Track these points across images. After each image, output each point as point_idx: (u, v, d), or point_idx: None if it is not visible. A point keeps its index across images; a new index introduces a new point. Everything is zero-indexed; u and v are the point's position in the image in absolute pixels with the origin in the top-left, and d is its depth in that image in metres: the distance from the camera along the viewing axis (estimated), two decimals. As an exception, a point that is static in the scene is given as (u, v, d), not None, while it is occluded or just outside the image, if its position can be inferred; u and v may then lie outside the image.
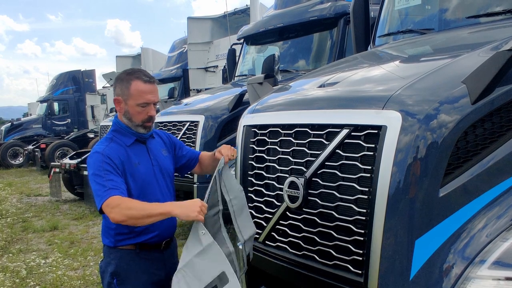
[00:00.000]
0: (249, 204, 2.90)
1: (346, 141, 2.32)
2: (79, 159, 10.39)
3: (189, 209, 2.40)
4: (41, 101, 25.42)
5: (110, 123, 14.41)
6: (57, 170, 11.08)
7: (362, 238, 2.20)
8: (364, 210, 2.19)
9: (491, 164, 2.13)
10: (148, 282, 2.74)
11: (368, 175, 2.18)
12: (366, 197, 2.19)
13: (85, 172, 9.93)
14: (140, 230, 2.68)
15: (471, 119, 2.10)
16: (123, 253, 2.71)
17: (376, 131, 2.17)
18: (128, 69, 2.78)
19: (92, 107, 24.25)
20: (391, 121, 2.12)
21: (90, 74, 26.36)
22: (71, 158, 11.04)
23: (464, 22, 3.40)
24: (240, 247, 2.71)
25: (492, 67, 2.08)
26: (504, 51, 2.06)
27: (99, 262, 2.89)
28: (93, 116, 24.12)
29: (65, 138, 20.49)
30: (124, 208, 2.41)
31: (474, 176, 2.10)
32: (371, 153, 2.18)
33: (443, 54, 2.88)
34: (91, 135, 20.16)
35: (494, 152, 2.16)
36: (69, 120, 24.66)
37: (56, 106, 24.53)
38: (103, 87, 25.91)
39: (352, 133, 2.29)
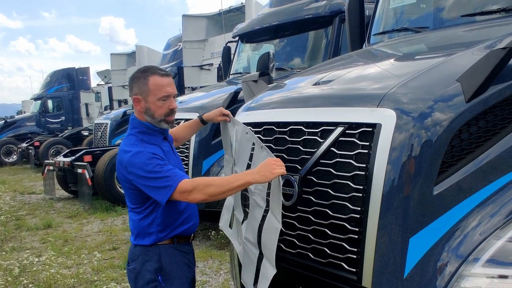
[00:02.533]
0: (243, 202, 2.90)
1: (340, 139, 2.31)
2: (73, 157, 10.36)
3: (267, 170, 2.34)
4: (35, 99, 25.32)
5: (105, 121, 14.39)
6: (51, 168, 11.05)
7: (356, 236, 2.19)
8: (359, 208, 2.18)
9: (485, 162, 2.14)
10: (187, 276, 2.82)
11: (363, 173, 2.18)
12: (360, 195, 2.18)
13: (79, 170, 9.90)
14: (182, 220, 2.77)
15: (465, 117, 2.10)
16: (163, 248, 2.73)
17: (370, 129, 2.17)
18: (141, 68, 2.78)
19: (86, 104, 24.15)
20: (385, 119, 2.12)
21: (84, 71, 26.26)
22: (65, 156, 10.99)
23: (459, 20, 3.40)
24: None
25: (486, 65, 2.08)
26: (498, 49, 2.06)
27: (128, 266, 2.83)
28: (88, 114, 24.03)
29: (59, 136, 20.44)
30: (203, 187, 2.45)
31: (468, 174, 2.10)
32: (366, 151, 2.18)
33: (438, 53, 2.89)
34: (85, 133, 20.09)
35: (488, 151, 2.16)
36: (63, 117, 24.57)
37: (50, 103, 24.45)
38: (97, 84, 25.84)
39: (347, 131, 2.28)
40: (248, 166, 2.75)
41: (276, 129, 2.72)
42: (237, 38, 8.55)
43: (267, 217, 2.48)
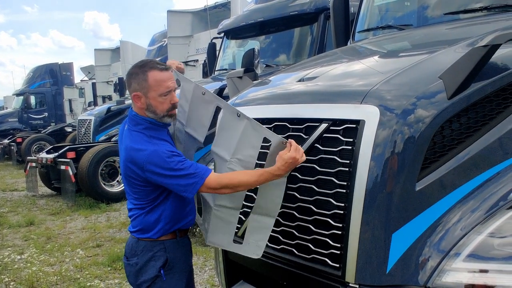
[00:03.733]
0: None
1: (324, 135, 2.32)
2: (56, 154, 10.22)
3: (290, 165, 2.33)
4: (17, 94, 24.97)
5: (88, 117, 14.14)
6: (34, 164, 10.89)
7: (340, 232, 2.21)
8: (342, 204, 2.20)
9: (466, 158, 2.16)
10: (187, 268, 2.85)
11: (346, 169, 2.19)
12: (344, 191, 2.19)
13: (62, 167, 9.79)
14: (186, 212, 2.77)
15: (448, 114, 2.12)
16: (167, 243, 2.72)
17: (354, 126, 2.18)
18: (138, 63, 2.68)
19: (70, 100, 23.89)
20: (369, 115, 2.13)
21: (68, 67, 25.96)
22: (48, 152, 10.85)
23: (442, 18, 3.44)
24: None
25: (467, 63, 2.10)
26: (479, 47, 2.09)
27: (127, 261, 2.78)
28: (71, 110, 23.78)
29: (42, 132, 20.19)
30: (232, 186, 2.49)
31: (450, 170, 2.13)
32: (350, 147, 2.19)
33: (421, 50, 2.91)
34: (68, 129, 19.85)
35: (469, 147, 2.18)
36: (46, 114, 24.27)
37: (32, 99, 24.10)
38: (81, 80, 25.57)
39: (331, 128, 2.29)
40: (212, 133, 2.68)
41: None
42: (222, 34, 8.52)
43: None
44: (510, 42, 2.16)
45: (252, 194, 2.64)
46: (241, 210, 2.69)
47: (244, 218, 2.71)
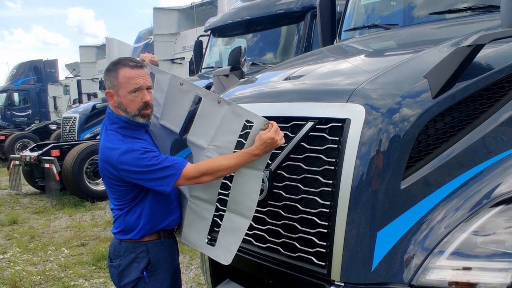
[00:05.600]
0: None
1: (311, 133, 2.33)
2: (40, 151, 10.10)
3: (268, 146, 2.34)
4: (0, 91, 24.60)
5: (73, 115, 13.92)
6: (17, 162, 10.75)
7: (325, 230, 2.21)
8: (328, 203, 2.20)
9: (450, 157, 2.18)
10: (171, 269, 2.80)
11: (332, 167, 2.19)
12: (330, 189, 2.20)
13: (47, 165, 9.67)
14: (168, 212, 2.72)
15: (432, 113, 2.14)
16: (150, 245, 2.68)
17: (340, 124, 2.19)
18: (115, 60, 2.65)
19: (54, 98, 23.64)
20: (354, 114, 2.14)
21: (52, 64, 25.70)
22: (32, 150, 10.71)
23: (428, 18, 3.47)
24: None
25: (452, 62, 2.12)
26: (463, 47, 2.11)
27: (111, 262, 2.75)
28: (56, 107, 23.53)
29: (26, 129, 19.92)
30: (212, 172, 2.46)
31: (434, 169, 2.14)
32: (335, 146, 2.20)
33: (406, 49, 2.93)
34: (53, 127, 19.64)
35: (453, 146, 2.20)
36: (30, 111, 24.01)
37: (16, 96, 23.85)
38: (66, 77, 25.31)
39: (317, 126, 2.30)
40: (189, 122, 2.66)
41: (247, 124, 2.71)
42: (209, 32, 8.49)
43: (239, 171, 2.46)
44: (494, 42, 2.19)
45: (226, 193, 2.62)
46: (215, 213, 2.68)
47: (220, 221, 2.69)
